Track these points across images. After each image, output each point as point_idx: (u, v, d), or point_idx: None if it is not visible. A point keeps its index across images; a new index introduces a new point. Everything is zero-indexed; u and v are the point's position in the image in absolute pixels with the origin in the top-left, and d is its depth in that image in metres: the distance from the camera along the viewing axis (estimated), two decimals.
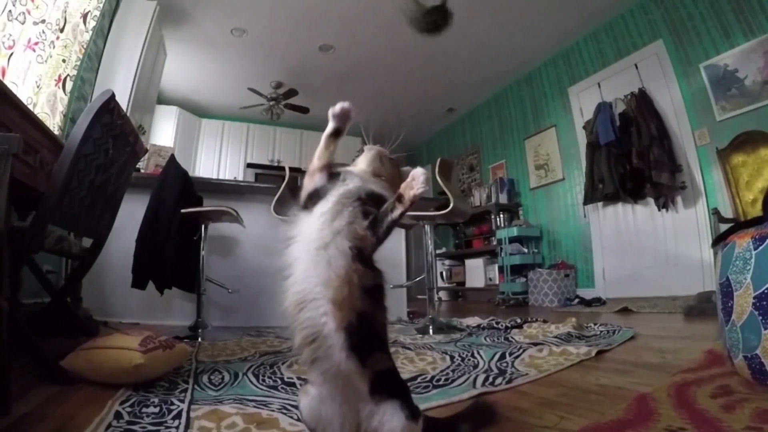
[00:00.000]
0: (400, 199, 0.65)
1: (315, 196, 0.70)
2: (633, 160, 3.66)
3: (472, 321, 2.65)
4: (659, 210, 3.70)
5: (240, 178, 6.16)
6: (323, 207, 0.67)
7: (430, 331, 2.24)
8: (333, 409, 0.64)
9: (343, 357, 0.61)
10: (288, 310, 0.64)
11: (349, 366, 0.61)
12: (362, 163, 0.78)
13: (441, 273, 6.05)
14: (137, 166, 2.40)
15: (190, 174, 2.63)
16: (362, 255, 0.64)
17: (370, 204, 0.68)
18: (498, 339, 1.90)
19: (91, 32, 2.77)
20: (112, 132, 1.34)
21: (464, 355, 1.50)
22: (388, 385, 0.63)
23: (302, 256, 0.65)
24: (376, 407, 0.62)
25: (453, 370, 1.28)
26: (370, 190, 0.71)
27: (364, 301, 0.63)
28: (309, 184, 0.72)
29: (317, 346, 0.62)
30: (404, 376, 1.10)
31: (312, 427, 0.66)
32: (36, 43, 2.08)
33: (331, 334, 0.61)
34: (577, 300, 3.97)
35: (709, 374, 1.05)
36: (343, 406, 0.64)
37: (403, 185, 0.67)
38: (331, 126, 0.74)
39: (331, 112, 0.74)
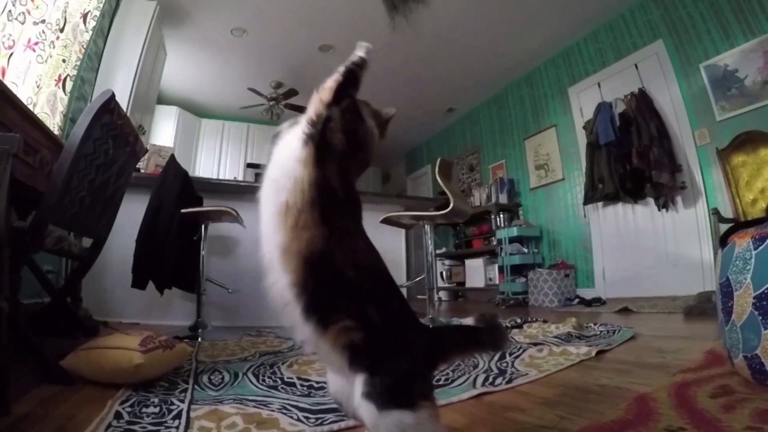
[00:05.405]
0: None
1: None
2: (633, 160, 3.65)
3: (472, 321, 2.65)
4: (659, 210, 3.69)
5: (240, 178, 6.16)
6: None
7: None
8: (337, 381, 0.58)
9: (299, 321, 0.52)
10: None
11: (307, 332, 0.52)
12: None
13: (441, 273, 6.05)
14: (137, 166, 2.40)
15: (190, 174, 2.63)
16: (320, 137, 0.59)
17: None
18: None
19: (91, 32, 2.77)
20: (112, 132, 1.34)
21: None
22: (363, 351, 0.51)
23: (263, 200, 0.59)
24: (353, 380, 0.51)
25: (453, 370, 1.28)
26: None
27: (318, 229, 0.53)
28: None
29: (283, 310, 0.54)
30: None
31: (334, 401, 0.60)
32: (36, 43, 2.08)
33: (284, 293, 0.52)
34: (577, 300, 3.96)
35: (709, 374, 1.05)
36: (340, 377, 0.56)
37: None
38: None
39: None
